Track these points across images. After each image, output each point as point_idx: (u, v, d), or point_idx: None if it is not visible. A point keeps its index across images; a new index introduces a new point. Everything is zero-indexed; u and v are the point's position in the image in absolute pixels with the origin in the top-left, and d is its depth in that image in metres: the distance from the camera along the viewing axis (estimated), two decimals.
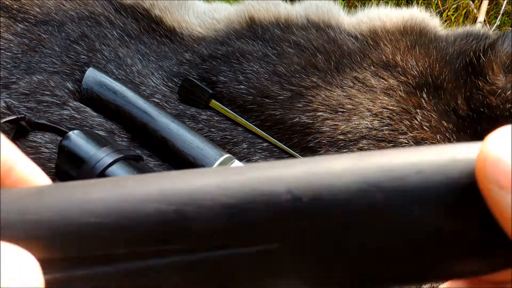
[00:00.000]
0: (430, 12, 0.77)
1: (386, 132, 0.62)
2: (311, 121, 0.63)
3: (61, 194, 0.20)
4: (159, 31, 0.73)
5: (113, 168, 0.54)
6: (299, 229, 0.19)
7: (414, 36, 0.70)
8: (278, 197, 0.19)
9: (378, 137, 0.62)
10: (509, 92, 0.63)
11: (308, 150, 0.63)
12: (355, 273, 0.20)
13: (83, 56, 0.69)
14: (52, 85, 0.66)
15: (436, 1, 1.39)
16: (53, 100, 0.64)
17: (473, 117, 0.64)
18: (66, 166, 0.55)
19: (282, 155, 0.63)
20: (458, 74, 0.67)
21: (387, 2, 1.21)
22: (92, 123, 0.63)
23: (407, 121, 0.63)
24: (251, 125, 0.64)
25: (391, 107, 0.64)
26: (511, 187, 0.17)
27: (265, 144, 0.64)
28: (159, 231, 0.19)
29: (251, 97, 0.66)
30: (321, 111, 0.64)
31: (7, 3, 0.72)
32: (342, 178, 0.19)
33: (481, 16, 1.26)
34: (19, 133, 0.60)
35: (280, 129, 0.64)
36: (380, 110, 0.64)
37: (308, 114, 0.64)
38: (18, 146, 0.59)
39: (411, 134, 0.62)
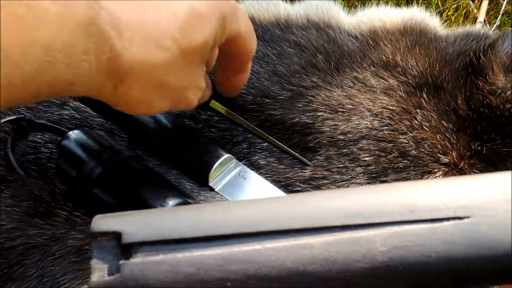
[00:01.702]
0: (430, 12, 0.77)
1: (386, 132, 0.62)
2: (311, 121, 0.63)
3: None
4: None
5: (113, 168, 0.54)
6: None
7: (414, 36, 0.70)
8: None
9: (378, 137, 0.62)
10: (509, 92, 0.63)
11: (308, 150, 0.63)
12: None
13: None
14: None
15: (436, 1, 1.39)
16: (53, 100, 0.64)
17: (473, 117, 0.64)
18: (66, 166, 0.55)
19: (282, 155, 0.63)
20: (458, 74, 0.67)
21: (387, 2, 1.21)
22: (92, 123, 0.63)
23: (407, 121, 0.63)
24: (251, 125, 0.64)
25: (391, 107, 0.64)
26: None
27: (265, 144, 0.64)
28: None
29: (251, 97, 0.66)
30: (321, 111, 0.64)
31: None
32: None
33: (481, 16, 1.26)
34: (19, 133, 0.60)
35: (280, 129, 0.64)
36: (380, 110, 0.64)
37: (308, 114, 0.64)
38: (18, 146, 0.59)
39: (411, 134, 0.62)
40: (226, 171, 0.62)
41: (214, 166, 0.60)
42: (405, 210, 0.23)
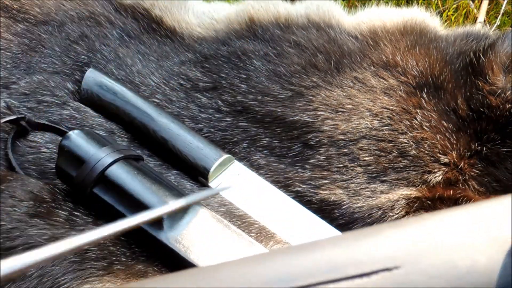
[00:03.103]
0: (430, 12, 0.77)
1: (386, 132, 0.62)
2: (311, 120, 0.63)
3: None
4: (159, 31, 0.73)
5: (113, 168, 0.54)
6: None
7: (414, 36, 0.70)
8: None
9: (378, 137, 0.62)
10: (509, 92, 0.63)
11: (309, 147, 0.63)
12: None
13: (83, 56, 0.69)
14: (52, 85, 0.66)
15: (436, 1, 1.39)
16: (53, 100, 0.64)
17: (473, 117, 0.64)
18: (66, 166, 0.55)
19: (283, 151, 0.63)
20: (458, 74, 0.67)
21: (387, 2, 1.21)
22: (92, 123, 0.63)
23: (407, 121, 0.63)
24: None
25: (391, 107, 0.64)
26: None
27: (264, 142, 0.64)
28: None
29: (251, 96, 0.66)
30: (321, 111, 0.64)
31: (7, 3, 0.72)
32: None
33: (481, 16, 1.26)
34: (19, 133, 0.60)
35: (280, 124, 0.64)
36: (380, 110, 0.64)
37: (308, 113, 0.64)
38: (18, 146, 0.59)
39: (411, 134, 0.62)
40: (226, 171, 0.62)
41: (214, 166, 0.60)
42: (328, 268, 0.21)
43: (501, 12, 1.33)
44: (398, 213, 0.58)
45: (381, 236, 0.22)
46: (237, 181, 0.62)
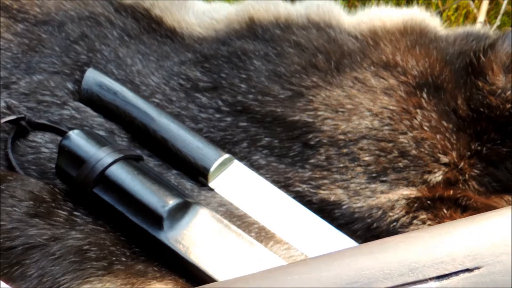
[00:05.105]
0: (430, 12, 0.77)
1: (386, 132, 0.62)
2: (311, 120, 0.63)
3: None
4: (159, 31, 0.73)
5: (113, 168, 0.54)
6: None
7: (414, 36, 0.70)
8: None
9: (378, 137, 0.62)
10: (509, 92, 0.63)
11: (309, 147, 0.63)
12: None
13: (83, 56, 0.69)
14: (52, 85, 0.66)
15: (436, 1, 1.39)
16: (53, 100, 0.64)
17: (473, 117, 0.64)
18: (66, 166, 0.55)
19: (283, 151, 0.63)
20: (458, 74, 0.67)
21: (387, 2, 1.21)
22: (92, 123, 0.63)
23: (407, 121, 0.63)
24: None
25: (391, 107, 0.64)
26: None
27: (264, 142, 0.64)
28: None
29: (251, 95, 0.66)
30: (321, 111, 0.64)
31: (7, 3, 0.72)
32: None
33: (481, 16, 1.26)
34: (19, 133, 0.60)
35: (280, 124, 0.64)
36: (380, 110, 0.64)
37: (308, 113, 0.64)
38: (18, 146, 0.59)
39: (411, 134, 0.62)
40: (226, 171, 0.62)
41: (214, 166, 0.60)
42: (406, 269, 0.19)
43: (501, 12, 1.32)
44: (398, 213, 0.58)
45: (458, 233, 0.20)
46: (237, 181, 0.62)
